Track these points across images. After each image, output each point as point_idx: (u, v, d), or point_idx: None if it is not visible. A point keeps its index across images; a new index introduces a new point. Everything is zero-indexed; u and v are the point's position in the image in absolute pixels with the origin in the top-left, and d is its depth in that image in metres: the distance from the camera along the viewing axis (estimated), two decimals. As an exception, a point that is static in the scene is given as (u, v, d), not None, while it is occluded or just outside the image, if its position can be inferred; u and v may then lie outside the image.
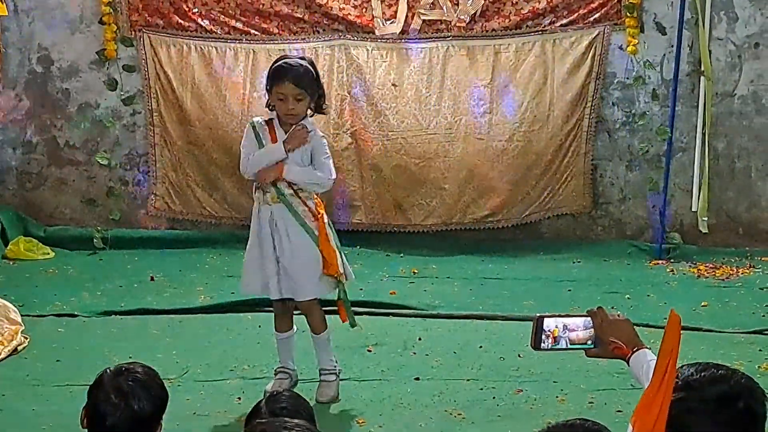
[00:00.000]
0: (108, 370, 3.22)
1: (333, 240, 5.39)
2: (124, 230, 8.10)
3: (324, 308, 5.56)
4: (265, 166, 5.31)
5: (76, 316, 6.62)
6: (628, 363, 3.04)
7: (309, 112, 5.36)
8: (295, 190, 5.30)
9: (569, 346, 3.06)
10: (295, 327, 5.51)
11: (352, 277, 5.59)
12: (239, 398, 5.41)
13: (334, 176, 5.44)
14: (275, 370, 5.49)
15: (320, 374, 5.44)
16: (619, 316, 3.10)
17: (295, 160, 5.29)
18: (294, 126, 5.31)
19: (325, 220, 5.37)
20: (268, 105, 5.41)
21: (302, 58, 5.54)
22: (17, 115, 8.21)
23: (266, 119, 5.39)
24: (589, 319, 3.06)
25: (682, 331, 6.11)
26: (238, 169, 5.55)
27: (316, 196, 5.38)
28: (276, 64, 5.39)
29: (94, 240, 7.93)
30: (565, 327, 3.04)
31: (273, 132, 5.34)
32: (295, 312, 5.54)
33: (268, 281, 5.36)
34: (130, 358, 5.80)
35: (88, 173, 8.24)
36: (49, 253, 7.83)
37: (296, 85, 5.25)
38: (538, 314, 3.04)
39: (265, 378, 5.57)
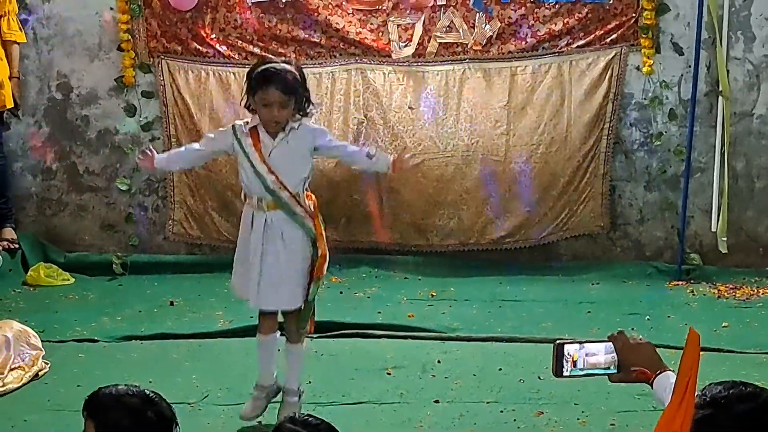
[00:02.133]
0: (109, 393, 3.19)
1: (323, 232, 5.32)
2: (143, 256, 8.12)
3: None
4: None
5: (96, 341, 6.64)
6: (651, 386, 3.03)
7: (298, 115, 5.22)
8: (292, 193, 5.20)
9: (591, 372, 3.05)
10: (278, 332, 5.40)
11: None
12: (260, 422, 5.41)
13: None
14: (252, 389, 5.42)
15: (282, 394, 5.34)
16: (640, 339, 3.09)
17: (284, 164, 5.18)
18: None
19: (320, 218, 5.30)
20: (248, 107, 5.25)
21: (288, 63, 5.32)
22: (37, 142, 8.26)
23: (250, 126, 5.23)
24: (610, 343, 3.05)
25: (703, 352, 6.10)
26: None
27: (309, 195, 5.29)
28: (261, 68, 5.19)
29: (114, 265, 7.96)
30: (586, 353, 3.03)
31: (257, 139, 5.19)
32: None
33: (250, 288, 5.28)
34: (150, 382, 5.82)
35: (108, 199, 8.27)
36: (68, 279, 7.85)
37: (282, 92, 5.09)
38: (558, 341, 3.03)
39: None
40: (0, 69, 7.66)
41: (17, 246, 7.93)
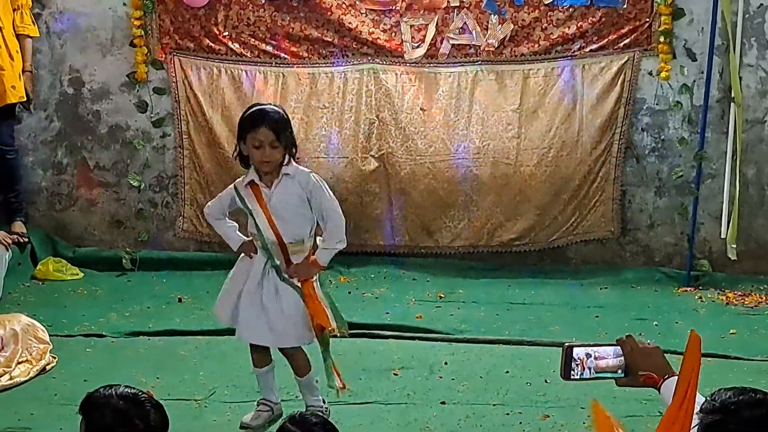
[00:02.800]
0: (101, 393, 3.20)
1: (320, 294, 5.28)
2: (153, 252, 8.13)
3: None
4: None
5: (104, 336, 6.66)
6: (659, 391, 3.03)
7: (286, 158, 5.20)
8: (287, 256, 5.18)
9: (599, 375, 3.05)
10: (273, 361, 5.45)
11: (345, 332, 5.44)
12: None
13: (340, 215, 5.29)
14: (257, 402, 5.46)
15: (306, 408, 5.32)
16: (648, 343, 3.09)
17: (286, 210, 5.16)
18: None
19: (316, 282, 5.27)
20: (238, 157, 5.24)
21: (276, 106, 5.37)
22: (48, 137, 8.27)
23: (248, 180, 5.23)
24: (618, 347, 3.05)
25: (710, 359, 6.06)
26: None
27: (309, 251, 5.25)
28: (249, 111, 5.22)
29: (123, 261, 7.97)
30: (594, 356, 3.03)
31: (258, 192, 5.18)
32: None
33: (240, 319, 5.27)
34: (157, 379, 5.85)
35: (118, 195, 8.28)
36: (77, 274, 7.87)
37: (272, 131, 5.09)
38: (567, 344, 3.03)
39: (291, 400, 5.58)
40: (15, 62, 7.69)
41: (27, 240, 7.94)
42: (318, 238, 5.32)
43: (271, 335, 5.27)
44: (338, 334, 5.36)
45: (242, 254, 5.34)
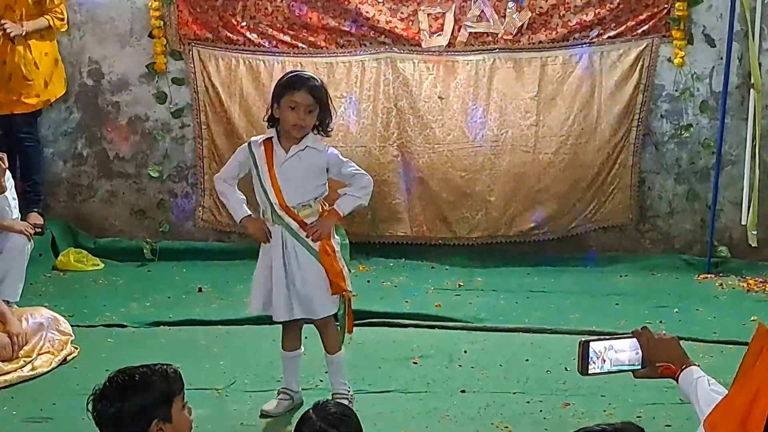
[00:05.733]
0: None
1: (340, 255, 5.29)
2: (173, 242, 8.16)
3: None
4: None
5: (125, 326, 6.69)
6: (676, 381, 3.03)
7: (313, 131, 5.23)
8: (295, 215, 5.19)
9: (617, 368, 3.05)
10: (302, 347, 5.47)
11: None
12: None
13: (367, 174, 5.38)
14: (278, 390, 5.47)
15: (333, 399, 5.27)
16: (664, 334, 3.09)
17: (294, 176, 5.18)
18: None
19: (333, 236, 5.29)
20: (268, 118, 5.26)
21: (317, 77, 5.40)
22: (68, 128, 8.30)
23: (265, 138, 5.26)
24: (635, 339, 3.06)
25: (731, 346, 6.03)
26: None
27: (322, 209, 5.27)
28: (290, 74, 5.34)
29: (143, 251, 8.00)
30: (611, 349, 3.04)
31: (270, 151, 5.20)
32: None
33: (273, 301, 5.26)
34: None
35: (138, 185, 8.31)
36: (98, 265, 7.89)
37: (311, 95, 5.13)
38: (583, 339, 3.04)
39: (311, 389, 5.60)
40: (41, 69, 7.67)
41: (42, 231, 7.90)
42: (340, 189, 5.34)
43: (303, 308, 5.26)
44: (351, 297, 5.37)
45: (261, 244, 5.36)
